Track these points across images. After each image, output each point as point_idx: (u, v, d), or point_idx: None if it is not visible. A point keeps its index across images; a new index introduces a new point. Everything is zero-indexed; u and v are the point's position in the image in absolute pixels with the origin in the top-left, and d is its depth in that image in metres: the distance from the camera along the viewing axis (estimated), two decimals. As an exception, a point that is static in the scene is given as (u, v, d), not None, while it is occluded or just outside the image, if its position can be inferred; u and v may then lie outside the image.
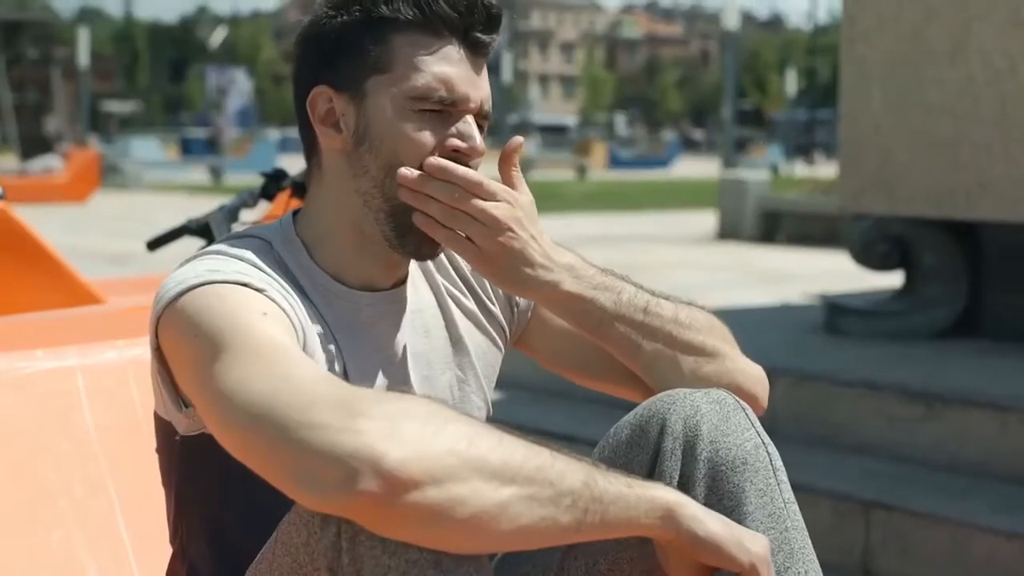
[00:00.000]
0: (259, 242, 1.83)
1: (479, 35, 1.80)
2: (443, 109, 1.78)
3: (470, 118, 1.80)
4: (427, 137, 1.78)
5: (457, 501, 1.44)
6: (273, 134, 56.75)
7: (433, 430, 1.45)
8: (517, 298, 2.01)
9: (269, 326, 1.64)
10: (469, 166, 1.79)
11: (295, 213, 1.89)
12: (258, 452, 1.50)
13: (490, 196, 1.78)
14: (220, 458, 1.59)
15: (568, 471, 1.52)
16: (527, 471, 1.49)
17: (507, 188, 1.81)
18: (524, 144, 1.90)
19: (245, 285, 1.69)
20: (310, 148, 1.86)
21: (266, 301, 1.69)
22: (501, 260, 1.80)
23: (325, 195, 1.84)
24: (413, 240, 1.81)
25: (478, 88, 1.81)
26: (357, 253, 1.84)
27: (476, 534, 1.47)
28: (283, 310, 1.70)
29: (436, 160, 1.77)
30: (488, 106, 1.83)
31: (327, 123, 1.82)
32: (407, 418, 1.45)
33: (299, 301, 1.77)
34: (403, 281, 1.90)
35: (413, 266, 1.92)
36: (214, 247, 1.80)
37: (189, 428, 1.77)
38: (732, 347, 1.98)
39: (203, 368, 1.60)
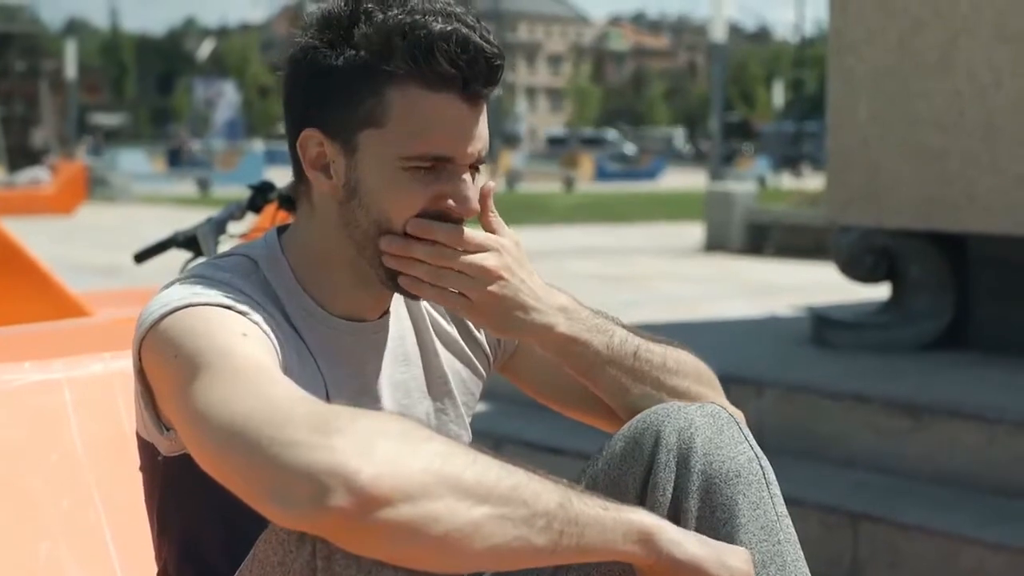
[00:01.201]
0: (245, 262, 1.81)
1: (477, 88, 1.74)
2: (436, 165, 1.75)
3: (466, 175, 1.76)
4: (418, 196, 1.74)
5: (430, 519, 1.42)
6: (260, 146, 56.64)
7: (409, 448, 1.44)
8: None
9: (249, 346, 1.63)
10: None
11: (280, 230, 1.87)
12: (233, 470, 1.49)
13: (477, 248, 1.76)
14: (200, 479, 1.58)
15: (543, 492, 1.51)
16: (501, 490, 1.47)
17: (491, 235, 1.79)
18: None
19: (228, 308, 1.68)
20: (300, 175, 1.82)
21: (247, 323, 1.67)
22: (495, 308, 1.78)
23: (317, 229, 1.82)
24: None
25: (475, 140, 1.76)
26: (346, 286, 1.82)
27: (449, 553, 1.45)
28: (264, 332, 1.69)
29: (418, 222, 1.74)
30: (485, 151, 1.79)
31: (317, 166, 1.78)
32: (382, 436, 1.44)
33: (281, 324, 1.76)
34: (387, 312, 1.89)
35: (396, 295, 1.90)
36: (198, 270, 1.78)
37: (170, 449, 1.76)
38: (717, 393, 1.98)
39: (182, 389, 1.59)
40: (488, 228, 1.81)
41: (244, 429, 1.48)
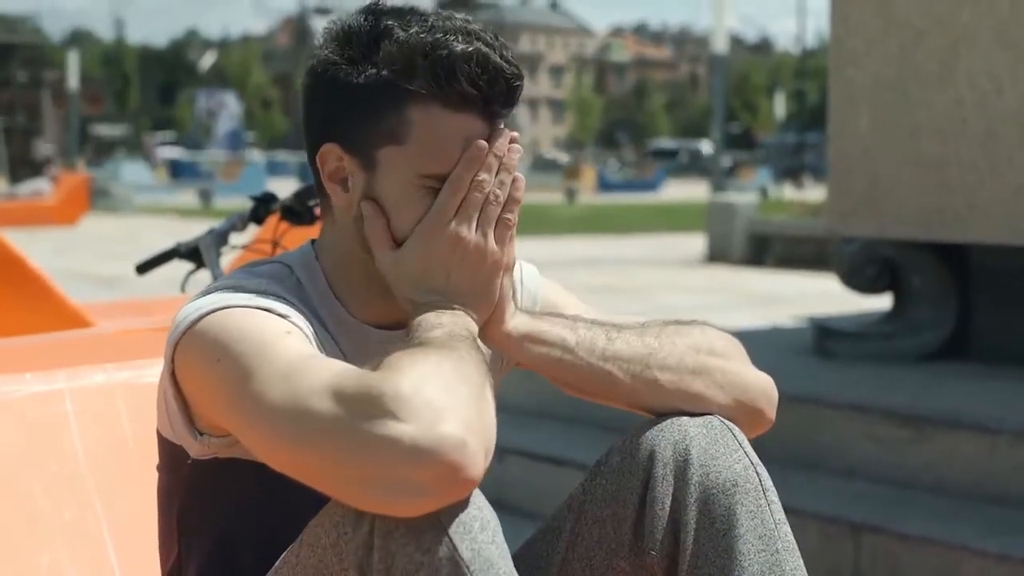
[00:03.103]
0: (279, 267, 1.83)
1: (497, 108, 1.76)
2: None
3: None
4: None
5: (489, 424, 1.55)
6: (260, 157, 56.72)
7: (446, 384, 1.53)
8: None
9: (293, 343, 1.65)
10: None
11: (314, 240, 1.89)
12: (320, 469, 1.53)
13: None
14: (233, 481, 1.60)
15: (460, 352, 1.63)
16: (475, 376, 1.59)
17: None
18: None
19: (267, 310, 1.70)
20: (321, 188, 1.83)
21: (289, 324, 1.69)
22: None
23: (339, 240, 1.84)
24: None
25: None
26: (371, 293, 1.84)
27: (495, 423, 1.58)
28: (305, 333, 1.71)
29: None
30: None
31: (335, 179, 1.79)
32: (424, 386, 1.51)
33: (318, 329, 1.78)
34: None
35: None
36: (233, 277, 1.79)
37: (201, 453, 1.77)
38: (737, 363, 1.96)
39: (235, 392, 1.61)
40: None
41: (319, 429, 1.52)
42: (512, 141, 1.77)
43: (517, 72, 1.75)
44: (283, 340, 1.64)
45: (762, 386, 1.95)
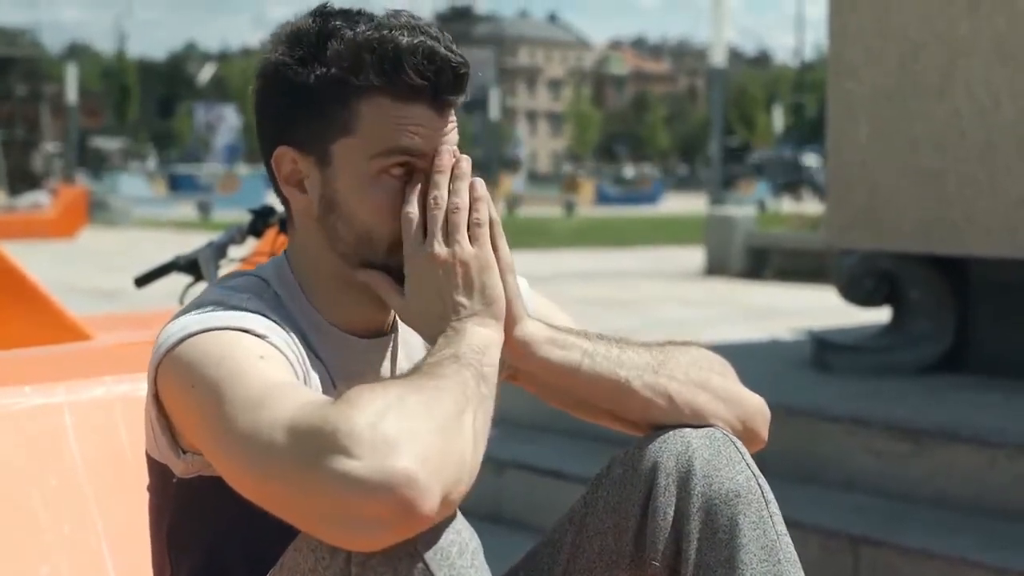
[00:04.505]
0: (255, 281, 1.83)
1: (445, 96, 1.79)
2: (407, 165, 1.78)
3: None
4: (394, 201, 1.78)
5: (456, 456, 1.53)
6: (247, 170, 56.70)
7: (414, 421, 1.51)
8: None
9: (266, 368, 1.64)
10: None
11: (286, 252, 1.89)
12: (282, 504, 1.53)
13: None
14: (218, 499, 1.60)
15: (461, 374, 1.63)
16: (447, 407, 1.56)
17: None
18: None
19: (245, 331, 1.69)
20: (281, 195, 1.86)
21: (265, 346, 1.69)
22: None
23: (306, 246, 1.85)
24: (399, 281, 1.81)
25: (445, 142, 1.80)
26: (343, 300, 1.84)
27: (479, 456, 1.58)
28: (284, 354, 1.70)
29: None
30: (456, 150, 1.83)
31: (291, 182, 1.81)
32: (385, 420, 1.50)
33: (297, 342, 1.77)
34: (394, 326, 1.90)
35: None
36: (211, 294, 1.79)
37: (186, 472, 1.77)
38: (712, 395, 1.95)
39: (207, 420, 1.62)
40: None
41: (281, 461, 1.52)
42: (455, 156, 1.80)
43: (463, 61, 1.79)
44: (256, 367, 1.64)
45: (757, 405, 1.97)
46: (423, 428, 1.51)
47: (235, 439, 1.57)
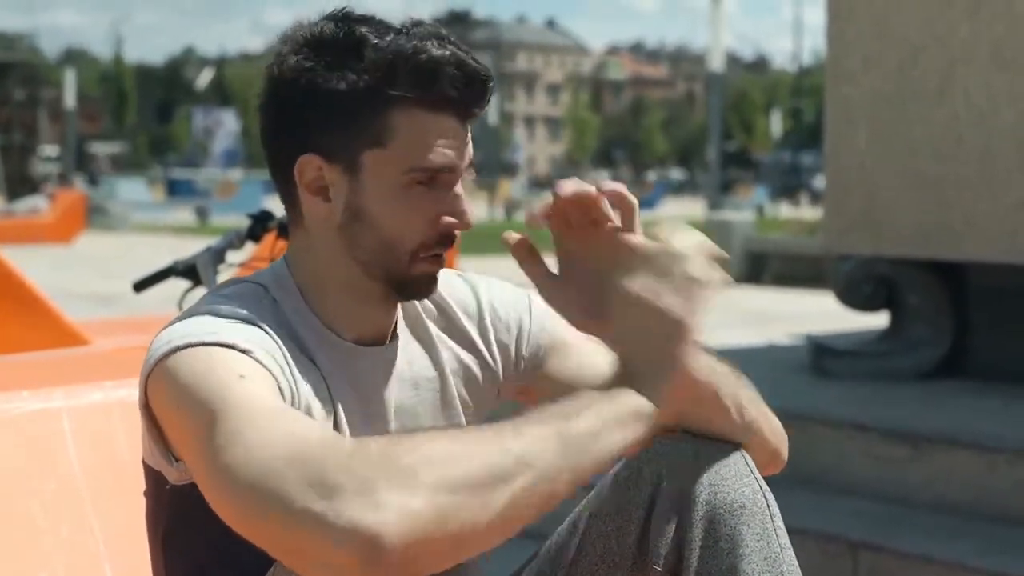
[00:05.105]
0: (253, 287, 1.81)
1: (473, 108, 1.78)
2: (435, 179, 1.76)
3: (460, 190, 1.79)
4: (422, 212, 1.76)
5: (467, 530, 1.45)
6: (241, 175, 56.71)
7: (413, 479, 1.44)
8: (527, 356, 1.98)
9: (246, 390, 1.62)
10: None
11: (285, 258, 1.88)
12: (252, 533, 1.52)
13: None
14: (210, 508, 1.59)
15: (540, 444, 1.52)
16: (507, 466, 1.48)
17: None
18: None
19: (229, 346, 1.67)
20: (291, 201, 1.82)
21: (247, 362, 1.66)
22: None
23: (313, 254, 1.82)
24: (414, 287, 1.81)
25: (467, 154, 1.80)
26: (348, 308, 1.82)
27: (499, 535, 1.48)
28: (267, 368, 1.68)
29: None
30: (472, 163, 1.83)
31: (313, 190, 1.78)
32: (385, 477, 1.44)
33: (292, 350, 1.75)
34: (395, 334, 1.89)
35: (405, 319, 1.90)
36: (205, 303, 1.78)
37: (179, 479, 1.77)
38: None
39: (189, 445, 1.61)
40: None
41: (262, 492, 1.48)
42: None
43: (489, 74, 1.79)
44: (235, 390, 1.61)
45: (783, 429, 1.94)
46: (423, 483, 1.45)
47: (209, 466, 1.55)
